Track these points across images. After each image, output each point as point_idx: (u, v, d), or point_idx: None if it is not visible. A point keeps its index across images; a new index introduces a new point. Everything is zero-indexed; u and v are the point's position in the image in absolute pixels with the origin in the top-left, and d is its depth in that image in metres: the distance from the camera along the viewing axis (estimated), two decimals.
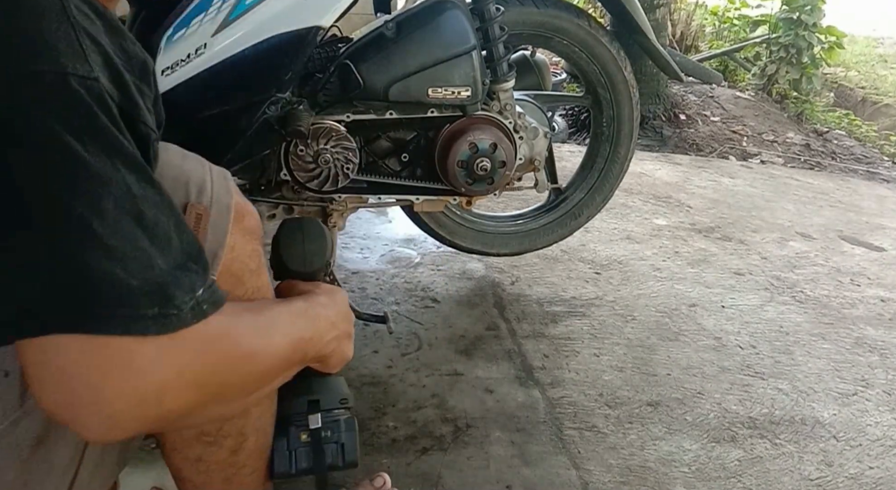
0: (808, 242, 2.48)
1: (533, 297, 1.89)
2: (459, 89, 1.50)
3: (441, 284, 1.91)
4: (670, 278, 2.07)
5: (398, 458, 1.28)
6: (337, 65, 1.45)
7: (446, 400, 1.45)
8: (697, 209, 2.68)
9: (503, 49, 1.58)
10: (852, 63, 5.95)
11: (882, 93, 5.38)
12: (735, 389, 1.58)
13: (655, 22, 3.55)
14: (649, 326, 1.80)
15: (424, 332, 1.68)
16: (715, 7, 5.42)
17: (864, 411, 1.56)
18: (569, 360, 1.63)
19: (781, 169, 3.56)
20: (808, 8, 4.26)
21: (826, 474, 1.35)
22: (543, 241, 1.94)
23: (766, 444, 1.42)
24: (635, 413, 1.47)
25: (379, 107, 1.50)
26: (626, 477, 1.30)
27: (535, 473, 1.28)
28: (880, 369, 1.73)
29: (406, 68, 1.46)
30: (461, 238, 1.85)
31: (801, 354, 1.75)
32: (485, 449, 1.33)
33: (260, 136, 1.38)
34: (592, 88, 1.85)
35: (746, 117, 4.15)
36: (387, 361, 1.56)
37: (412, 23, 1.48)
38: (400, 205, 1.68)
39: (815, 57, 4.41)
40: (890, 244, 2.58)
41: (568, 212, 1.92)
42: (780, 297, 2.04)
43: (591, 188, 1.91)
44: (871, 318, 1.98)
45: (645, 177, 2.97)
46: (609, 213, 2.40)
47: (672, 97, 3.99)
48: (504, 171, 1.59)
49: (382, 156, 1.59)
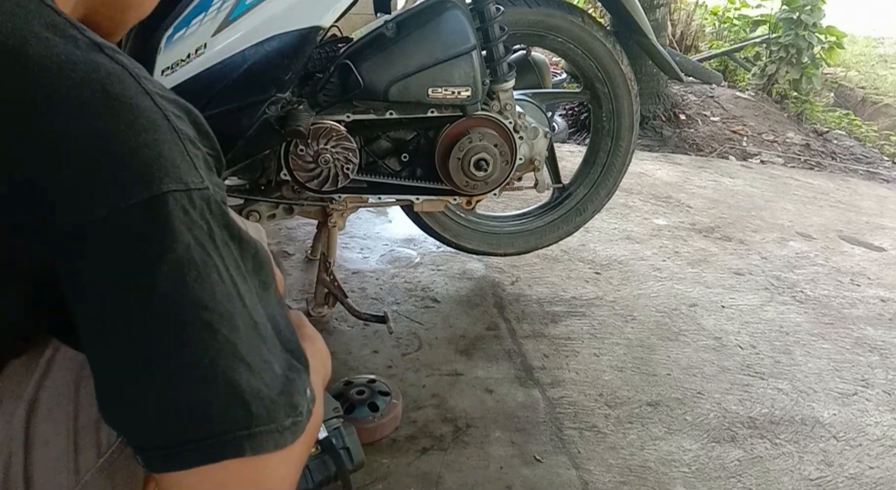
0: (808, 242, 2.48)
1: (533, 297, 1.89)
2: (459, 89, 1.50)
3: (441, 284, 1.90)
4: (670, 278, 2.07)
5: (398, 458, 1.28)
6: (337, 65, 1.45)
7: (446, 400, 1.45)
8: (697, 209, 2.67)
9: (503, 49, 1.58)
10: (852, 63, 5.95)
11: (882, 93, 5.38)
12: (735, 389, 1.58)
13: (655, 22, 3.55)
14: (649, 326, 1.80)
15: (424, 332, 1.68)
16: (715, 7, 5.42)
17: (864, 411, 1.56)
18: (569, 360, 1.63)
19: (781, 169, 3.56)
20: (808, 8, 4.26)
21: (826, 474, 1.35)
22: (549, 239, 1.94)
23: (766, 443, 1.42)
24: (635, 413, 1.47)
25: (379, 107, 1.50)
26: (626, 477, 1.30)
27: (535, 473, 1.28)
28: (880, 369, 1.73)
29: (406, 68, 1.46)
30: (467, 240, 1.85)
31: (801, 354, 1.75)
32: (485, 449, 1.33)
33: (260, 135, 1.38)
34: (590, 84, 1.85)
35: (746, 117, 4.14)
36: (387, 361, 1.56)
37: (412, 23, 1.48)
38: (400, 205, 1.69)
39: (815, 57, 4.40)
40: (890, 244, 2.58)
41: (573, 208, 1.92)
42: (780, 297, 2.04)
43: (594, 183, 1.91)
44: (871, 318, 1.98)
45: (645, 177, 2.97)
46: (609, 213, 2.40)
47: (672, 97, 3.99)
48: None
49: (382, 156, 1.59)
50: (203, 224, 0.51)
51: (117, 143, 0.49)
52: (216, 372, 0.49)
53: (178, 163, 0.50)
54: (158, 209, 0.49)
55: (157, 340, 0.49)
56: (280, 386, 0.52)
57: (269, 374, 0.51)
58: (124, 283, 0.49)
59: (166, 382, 0.49)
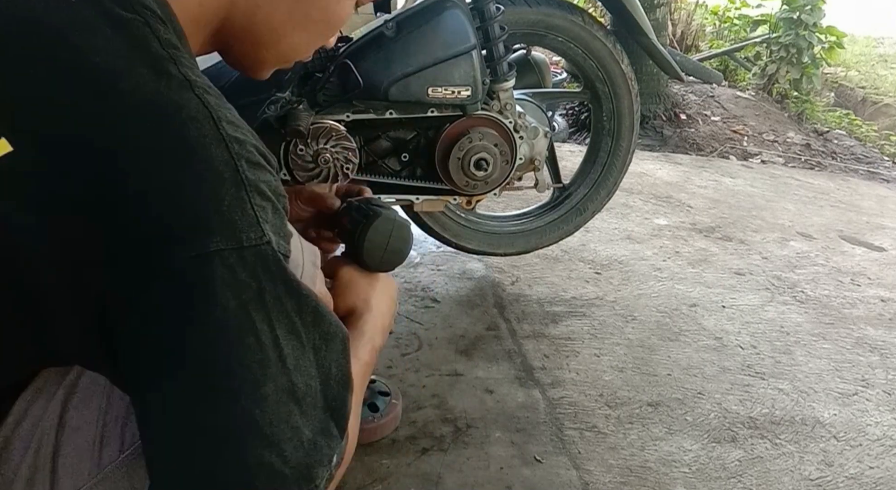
0: (809, 242, 2.48)
1: (533, 297, 1.89)
2: (459, 89, 1.49)
3: (441, 284, 1.90)
4: (671, 278, 2.07)
5: (398, 458, 1.28)
6: (337, 64, 1.45)
7: (446, 400, 1.45)
8: (698, 209, 2.67)
9: (503, 48, 1.58)
10: (852, 63, 5.95)
11: (882, 93, 5.38)
12: (735, 389, 1.58)
13: (656, 21, 3.55)
14: (650, 326, 1.80)
15: (424, 332, 1.68)
16: (715, 7, 5.42)
17: (864, 411, 1.56)
18: (569, 360, 1.63)
19: (782, 169, 3.56)
20: (809, 8, 4.26)
21: (826, 474, 1.35)
22: (550, 239, 1.94)
23: (767, 444, 1.42)
24: (636, 413, 1.47)
25: (379, 106, 1.50)
26: (627, 477, 1.29)
27: (535, 473, 1.28)
28: (880, 369, 1.73)
29: (406, 68, 1.46)
30: (467, 240, 1.85)
31: (801, 354, 1.75)
32: (485, 449, 1.33)
33: (259, 135, 1.37)
34: (591, 83, 1.85)
35: (747, 117, 4.15)
36: (387, 361, 1.56)
37: (412, 22, 1.48)
38: (400, 205, 1.68)
39: (815, 57, 4.41)
40: (890, 244, 2.57)
41: (573, 208, 1.92)
42: (781, 297, 2.04)
43: (594, 183, 1.91)
44: (871, 318, 1.98)
45: (645, 176, 2.97)
46: (609, 213, 2.39)
47: (672, 97, 3.99)
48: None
49: (382, 155, 1.59)
50: (253, 283, 0.50)
51: (179, 194, 0.49)
52: (228, 442, 0.49)
53: (237, 218, 0.50)
54: (202, 269, 0.48)
55: (179, 403, 0.49)
56: (301, 456, 0.51)
57: (291, 444, 0.50)
58: (159, 340, 0.49)
59: (178, 444, 0.49)
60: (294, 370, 0.52)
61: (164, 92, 0.50)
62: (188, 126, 0.50)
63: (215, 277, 0.48)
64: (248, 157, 0.52)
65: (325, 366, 0.55)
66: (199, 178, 0.49)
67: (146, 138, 0.49)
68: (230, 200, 0.50)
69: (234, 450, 0.49)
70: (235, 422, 0.49)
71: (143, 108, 0.49)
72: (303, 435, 0.51)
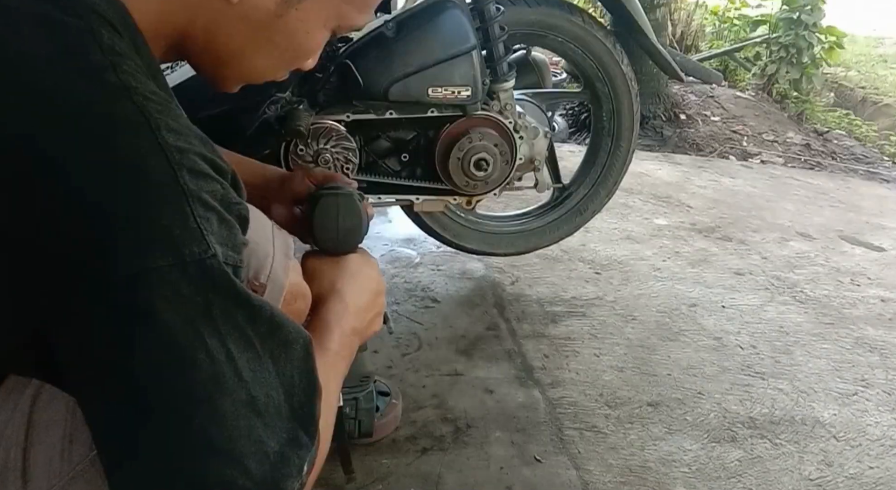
0: (809, 242, 2.48)
1: (533, 297, 1.89)
2: (459, 89, 1.50)
3: (441, 284, 1.90)
4: (670, 278, 2.07)
5: (398, 458, 1.28)
6: (337, 64, 1.45)
7: (446, 400, 1.45)
8: (698, 209, 2.67)
9: (503, 49, 1.58)
10: (852, 63, 5.94)
11: (882, 93, 5.37)
12: (735, 389, 1.58)
13: (655, 22, 3.55)
14: (649, 326, 1.80)
15: (424, 332, 1.68)
16: (715, 7, 5.41)
17: (864, 411, 1.56)
18: (569, 360, 1.63)
19: (782, 169, 3.56)
20: (809, 8, 4.25)
21: (826, 474, 1.35)
22: (549, 239, 1.94)
23: (766, 444, 1.42)
24: (635, 413, 1.47)
25: (379, 106, 1.50)
26: (627, 477, 1.30)
27: (536, 474, 1.28)
28: (880, 369, 1.73)
29: (406, 68, 1.46)
30: (467, 240, 1.85)
31: (801, 354, 1.75)
32: (485, 449, 1.33)
33: (260, 135, 1.38)
34: (590, 84, 1.85)
35: (747, 117, 4.14)
36: (387, 361, 1.56)
37: (412, 22, 1.48)
38: (400, 205, 1.68)
39: (815, 57, 4.40)
40: (890, 244, 2.57)
41: (573, 208, 1.92)
42: (781, 297, 2.04)
43: (594, 183, 1.91)
44: (871, 318, 1.98)
45: (645, 177, 2.97)
46: (609, 213, 2.39)
47: (672, 97, 3.99)
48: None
49: (382, 155, 1.59)
50: (198, 298, 0.48)
51: (111, 209, 0.47)
52: (185, 462, 0.47)
53: (178, 232, 0.48)
54: (140, 288, 0.46)
55: (128, 426, 0.48)
56: (267, 470, 0.50)
57: (255, 458, 0.49)
58: (100, 364, 0.48)
59: (134, 467, 0.48)
60: (252, 382, 0.50)
61: (97, 100, 0.48)
62: (121, 136, 0.48)
63: (155, 296, 0.47)
64: (191, 167, 0.50)
65: (286, 374, 0.54)
66: (134, 191, 0.47)
67: (76, 150, 0.47)
68: (169, 214, 0.48)
69: (193, 470, 0.47)
70: (192, 441, 0.48)
71: (74, 117, 0.48)
72: (267, 448, 0.50)
